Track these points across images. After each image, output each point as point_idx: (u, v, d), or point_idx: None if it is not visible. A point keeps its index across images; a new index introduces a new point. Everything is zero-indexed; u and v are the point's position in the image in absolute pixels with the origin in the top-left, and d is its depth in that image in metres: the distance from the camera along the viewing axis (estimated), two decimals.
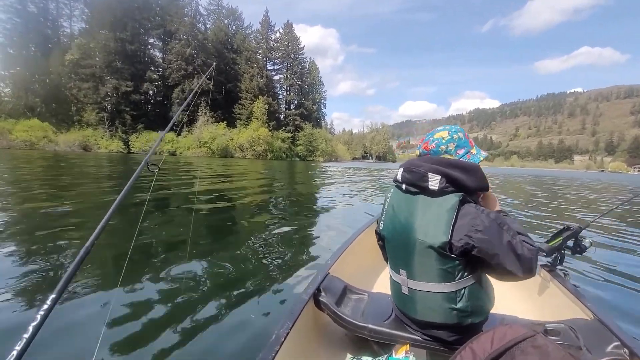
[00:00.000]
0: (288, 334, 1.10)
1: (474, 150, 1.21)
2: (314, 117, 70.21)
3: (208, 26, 61.07)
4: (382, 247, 1.34)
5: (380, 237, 1.31)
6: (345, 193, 9.56)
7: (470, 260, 1.05)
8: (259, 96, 57.08)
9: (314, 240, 4.06)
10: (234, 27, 65.21)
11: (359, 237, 2.26)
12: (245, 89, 58.14)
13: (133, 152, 43.09)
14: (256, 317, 2.05)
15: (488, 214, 1.04)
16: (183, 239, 3.81)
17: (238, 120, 56.39)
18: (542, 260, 1.81)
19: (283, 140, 58.67)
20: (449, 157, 1.18)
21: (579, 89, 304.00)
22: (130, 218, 4.54)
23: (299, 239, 4.12)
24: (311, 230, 4.63)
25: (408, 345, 1.04)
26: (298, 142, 63.31)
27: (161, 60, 54.45)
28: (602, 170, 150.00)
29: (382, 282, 2.07)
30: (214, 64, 2.95)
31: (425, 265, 1.09)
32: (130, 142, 45.14)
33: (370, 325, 1.25)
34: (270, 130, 55.40)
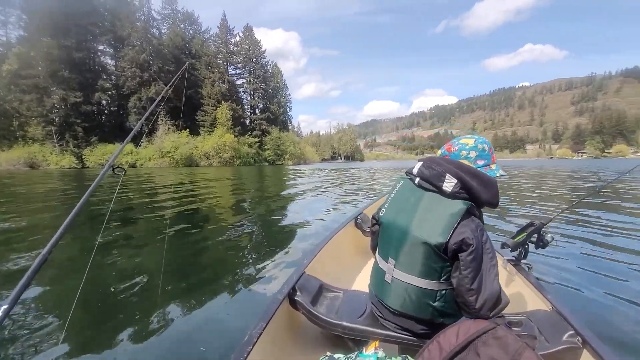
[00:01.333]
0: (261, 334, 1.11)
1: (493, 166, 1.22)
2: (280, 121, 69.67)
3: (163, 31, 58.57)
4: (373, 233, 1.37)
5: (377, 222, 1.32)
6: (317, 194, 9.46)
7: (456, 265, 1.08)
8: (222, 102, 55.62)
9: (289, 242, 3.97)
10: (190, 32, 63.07)
11: (336, 236, 2.25)
12: (207, 95, 56.38)
13: (88, 167, 40.22)
14: (232, 319, 2.04)
15: (484, 236, 1.08)
16: (156, 246, 3.72)
17: (201, 128, 54.55)
18: (508, 255, 1.91)
19: (250, 146, 57.57)
20: (467, 163, 1.19)
21: (526, 83, 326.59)
22: (92, 227, 4.38)
23: (274, 241, 4.06)
24: (285, 232, 4.55)
25: (377, 342, 1.07)
26: (266, 147, 62.44)
27: (113, 68, 51.29)
28: (551, 157, 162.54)
29: (359, 280, 2.10)
30: (187, 62, 2.77)
31: (414, 258, 1.12)
32: (84, 157, 41.97)
33: (344, 323, 1.28)
34: (236, 136, 54.13)
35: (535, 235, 1.82)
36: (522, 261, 1.87)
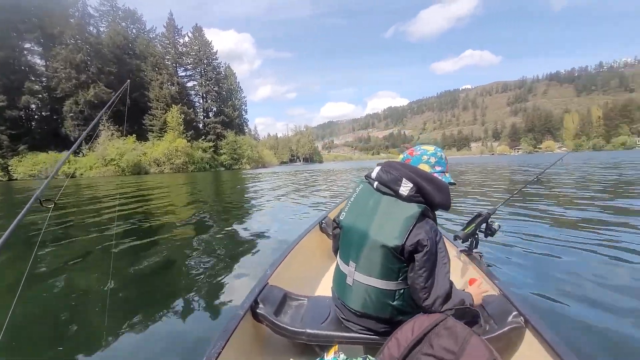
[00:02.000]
0: (220, 353, 1.08)
1: (447, 174, 1.31)
2: (236, 124, 67.86)
3: (102, 29, 54.15)
4: (335, 237, 1.39)
5: (338, 226, 1.35)
6: (279, 199, 9.28)
7: (411, 265, 1.13)
8: (172, 105, 52.74)
9: (252, 251, 3.86)
10: (134, 31, 59.08)
11: (300, 243, 2.25)
12: (155, 98, 53.14)
13: (16, 179, 35.77)
14: (190, 339, 1.95)
15: (437, 236, 1.14)
16: (101, 264, 3.47)
17: (150, 133, 51.26)
18: (461, 245, 2.00)
19: (204, 150, 55.26)
20: (426, 167, 1.27)
21: (469, 86, 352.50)
22: (21, 253, 3.87)
23: (236, 252, 3.88)
24: (248, 241, 4.36)
25: (337, 346, 1.09)
26: (221, 151, 60.37)
27: (43, 69, 46.29)
28: (492, 154, 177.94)
29: (324, 285, 2.10)
30: (127, 82, 2.48)
31: (373, 261, 1.16)
32: (10, 168, 37.27)
33: (308, 330, 1.29)
34: (189, 141, 51.64)
35: (484, 225, 1.93)
36: (474, 250, 1.95)
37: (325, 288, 2.02)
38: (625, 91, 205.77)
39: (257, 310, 1.38)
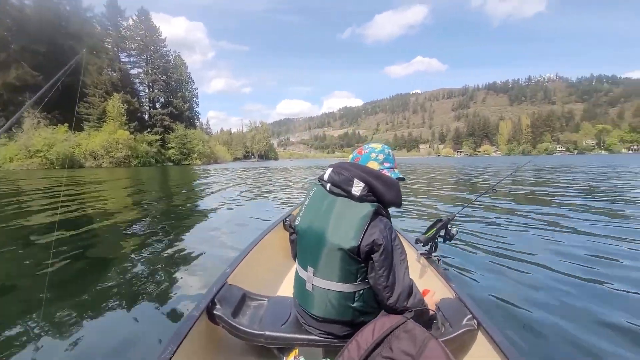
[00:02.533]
0: (172, 357, 1.04)
1: (396, 170, 1.34)
2: (186, 117, 64.23)
3: (27, 2, 47.62)
4: (293, 242, 1.38)
5: (294, 231, 1.33)
6: (234, 196, 8.89)
7: (371, 266, 1.14)
8: (113, 93, 48.33)
9: (209, 251, 3.66)
10: (67, 7, 52.86)
11: (262, 241, 2.19)
12: (92, 84, 48.17)
13: None
14: (142, 344, 1.85)
15: (392, 234, 1.15)
16: (35, 268, 3.10)
17: (85, 122, 46.40)
18: (421, 249, 2.07)
19: (150, 144, 51.49)
20: (375, 164, 1.30)
21: (418, 91, 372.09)
22: None
23: (191, 251, 3.73)
24: (204, 240, 4.14)
25: (296, 351, 1.08)
26: (169, 145, 56.77)
27: None
28: (438, 155, 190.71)
29: (286, 285, 2.05)
30: (84, 50, 2.07)
31: (331, 264, 1.15)
32: None
33: (267, 333, 1.26)
34: (132, 133, 47.75)
35: (443, 230, 2.00)
36: (433, 254, 2.02)
37: (287, 288, 1.96)
38: (549, 103, 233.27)
39: (214, 311, 1.32)
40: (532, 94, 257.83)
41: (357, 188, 1.15)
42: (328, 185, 1.24)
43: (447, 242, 2.06)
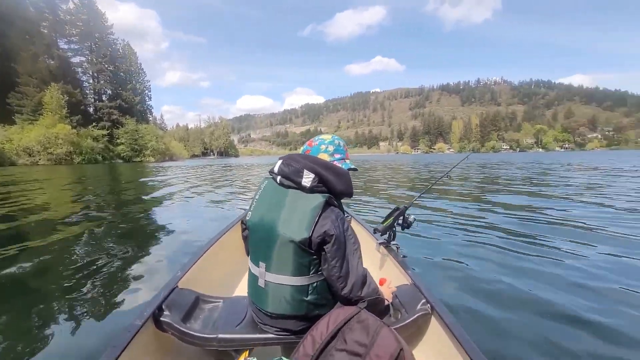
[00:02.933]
0: None
1: (347, 160, 1.34)
2: (137, 111, 60.21)
3: None
4: (246, 239, 1.34)
5: (245, 227, 1.31)
6: (191, 196, 8.43)
7: (324, 257, 1.13)
8: (51, 83, 43.75)
9: (161, 254, 3.49)
10: None
11: (218, 243, 2.09)
12: (26, 73, 43.20)
13: None
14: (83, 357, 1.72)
15: (344, 224, 1.15)
16: None
17: (17, 115, 41.58)
18: (380, 238, 2.07)
19: (96, 139, 47.55)
20: (325, 156, 1.29)
21: (378, 89, 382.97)
22: None
23: (141, 255, 3.45)
24: (156, 244, 3.96)
25: (247, 352, 1.07)
26: (118, 141, 52.86)
27: None
28: (397, 152, 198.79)
29: (243, 285, 1.94)
30: None
31: (284, 258, 1.13)
32: None
33: (219, 335, 1.20)
34: (74, 127, 43.74)
35: (401, 218, 2.01)
36: (392, 242, 2.03)
37: (243, 288, 1.88)
38: (495, 104, 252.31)
39: (161, 318, 1.24)
40: (480, 95, 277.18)
41: (307, 179, 1.13)
42: (278, 177, 1.21)
43: (405, 230, 2.06)
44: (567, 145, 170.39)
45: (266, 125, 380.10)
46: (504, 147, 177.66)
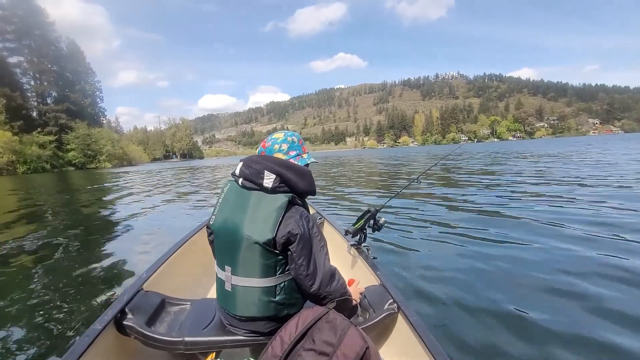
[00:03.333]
0: None
1: (304, 155, 1.31)
2: (87, 114, 56.18)
3: None
4: (212, 243, 1.32)
5: (210, 232, 1.29)
6: (152, 201, 7.98)
7: (290, 257, 1.14)
8: None
9: (124, 258, 3.40)
10: None
11: (186, 244, 2.06)
12: None
13: None
14: None
15: (309, 222, 1.16)
16: None
17: None
18: (351, 240, 2.09)
19: (42, 146, 43.68)
20: (280, 155, 1.26)
21: (342, 86, 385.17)
22: None
23: (102, 263, 3.29)
24: (118, 248, 3.81)
25: (214, 354, 1.06)
26: (69, 147, 49.00)
27: None
28: (364, 147, 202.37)
29: (211, 288, 1.94)
30: None
31: (250, 260, 1.13)
32: None
33: (186, 339, 1.18)
34: (15, 134, 39.85)
35: (372, 220, 2.04)
36: (363, 244, 2.05)
37: (211, 291, 1.85)
38: (453, 98, 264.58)
39: (124, 322, 1.20)
40: (439, 89, 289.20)
41: (269, 180, 1.13)
42: (240, 180, 1.20)
43: (376, 231, 2.09)
44: (518, 135, 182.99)
45: (231, 125, 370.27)
46: (463, 138, 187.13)
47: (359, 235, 2.06)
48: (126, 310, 1.24)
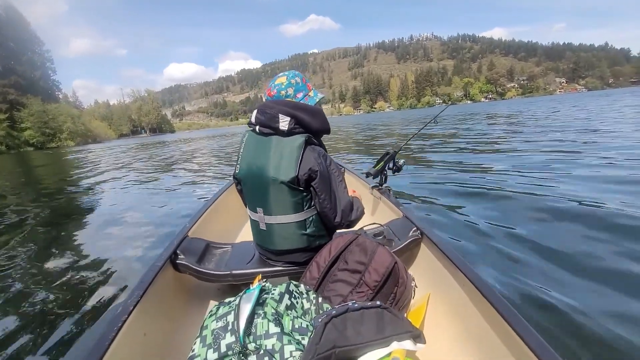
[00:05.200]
0: (138, 302, 1.04)
1: (311, 93, 1.33)
2: (40, 88, 51.54)
3: None
4: (241, 192, 1.40)
5: (237, 181, 1.37)
6: (130, 180, 7.37)
7: (313, 193, 1.22)
8: None
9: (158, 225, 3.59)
10: None
11: (221, 197, 2.27)
12: None
13: None
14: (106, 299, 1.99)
15: (327, 160, 1.23)
16: None
17: None
18: (372, 182, 2.26)
19: None
20: (289, 100, 1.28)
21: (316, 50, 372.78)
22: None
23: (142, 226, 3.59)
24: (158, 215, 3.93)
25: (260, 276, 1.14)
26: (23, 125, 45.20)
27: None
28: (340, 114, 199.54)
29: (248, 233, 2.02)
30: None
31: (279, 200, 1.21)
32: None
33: (233, 271, 1.33)
34: None
35: (391, 162, 2.17)
36: (384, 185, 2.19)
37: (248, 235, 1.86)
38: (427, 60, 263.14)
39: (178, 261, 1.36)
40: (414, 52, 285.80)
41: (284, 123, 1.16)
42: (257, 127, 1.24)
43: (396, 173, 2.21)
44: (490, 96, 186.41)
45: (201, 96, 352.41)
46: (437, 101, 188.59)
47: (379, 177, 2.19)
48: (178, 252, 1.39)
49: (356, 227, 1.61)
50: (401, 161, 2.19)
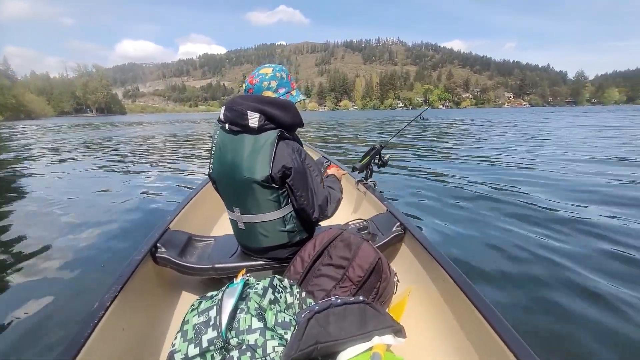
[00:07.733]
0: (115, 297, 1.01)
1: (294, 92, 1.30)
2: None
3: None
4: (217, 190, 1.35)
5: (212, 180, 1.33)
6: (66, 167, 6.22)
7: (289, 190, 1.19)
8: None
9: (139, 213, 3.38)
10: None
11: (203, 190, 2.23)
12: None
13: None
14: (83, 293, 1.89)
15: (301, 155, 1.18)
16: None
17: None
18: (358, 176, 2.29)
19: None
20: (270, 93, 1.24)
21: (283, 42, 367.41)
22: None
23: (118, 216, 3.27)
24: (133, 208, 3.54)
25: (244, 270, 1.13)
26: None
27: None
28: (305, 110, 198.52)
29: (230, 226, 2.03)
30: None
31: (255, 199, 1.17)
32: None
33: (216, 265, 1.30)
34: None
35: (377, 156, 2.19)
36: (370, 180, 2.22)
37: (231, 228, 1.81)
38: (392, 64, 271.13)
39: (158, 255, 1.32)
40: (380, 54, 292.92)
41: (254, 119, 1.11)
42: (227, 125, 1.18)
43: (381, 167, 2.22)
44: (447, 104, 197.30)
45: (158, 78, 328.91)
46: (400, 105, 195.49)
47: (365, 171, 2.22)
48: (158, 245, 1.35)
49: (341, 222, 1.60)
50: (387, 156, 2.20)
